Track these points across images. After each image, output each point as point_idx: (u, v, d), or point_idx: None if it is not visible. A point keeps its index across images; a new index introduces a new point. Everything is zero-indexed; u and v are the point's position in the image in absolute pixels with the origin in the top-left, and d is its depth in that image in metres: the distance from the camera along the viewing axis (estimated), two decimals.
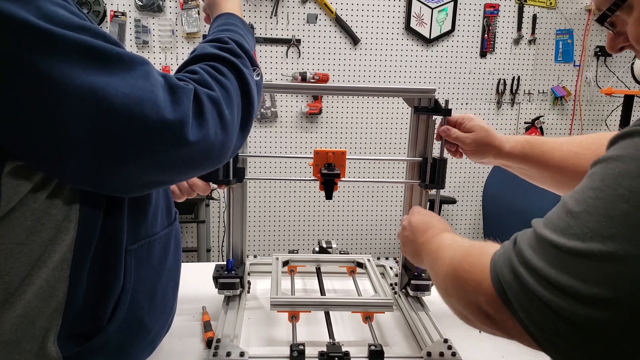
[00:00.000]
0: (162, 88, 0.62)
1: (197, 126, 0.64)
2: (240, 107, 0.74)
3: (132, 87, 0.59)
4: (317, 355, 0.89)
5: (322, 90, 1.74)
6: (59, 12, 0.58)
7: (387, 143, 3.08)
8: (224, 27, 0.85)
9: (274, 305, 0.98)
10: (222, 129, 0.69)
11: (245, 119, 0.75)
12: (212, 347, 0.90)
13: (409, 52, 2.99)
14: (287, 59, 2.89)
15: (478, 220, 3.23)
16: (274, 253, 1.30)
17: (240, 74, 0.75)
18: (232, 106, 0.71)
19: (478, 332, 1.04)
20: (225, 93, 0.70)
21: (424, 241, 0.80)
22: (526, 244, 0.51)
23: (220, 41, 0.78)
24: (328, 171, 1.00)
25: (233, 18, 0.88)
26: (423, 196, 1.13)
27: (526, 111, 3.14)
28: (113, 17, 2.69)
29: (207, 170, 0.74)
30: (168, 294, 0.85)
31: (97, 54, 0.58)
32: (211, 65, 0.73)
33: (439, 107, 1.06)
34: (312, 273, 1.24)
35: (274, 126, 2.96)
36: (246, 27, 0.88)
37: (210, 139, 0.66)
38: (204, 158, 0.68)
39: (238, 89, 0.74)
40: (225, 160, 0.75)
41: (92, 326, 0.73)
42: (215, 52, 0.75)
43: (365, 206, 3.15)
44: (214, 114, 0.67)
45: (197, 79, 0.69)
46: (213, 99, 0.68)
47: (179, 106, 0.62)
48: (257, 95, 0.79)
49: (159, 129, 0.61)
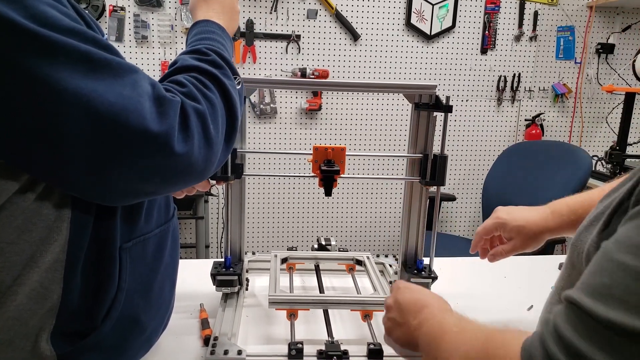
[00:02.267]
0: (150, 98, 0.61)
1: (182, 139, 0.63)
2: (225, 121, 0.73)
3: (119, 95, 0.58)
4: (315, 353, 0.88)
5: (322, 86, 1.72)
6: (48, 12, 0.57)
7: (387, 139, 3.07)
8: (201, 35, 0.83)
9: (272, 303, 0.97)
10: (207, 144, 0.68)
11: (229, 132, 0.75)
12: (209, 345, 0.89)
13: (409, 48, 2.97)
14: (287, 54, 2.88)
15: (477, 217, 3.23)
16: (272, 250, 1.29)
17: (223, 87, 0.74)
18: (217, 120, 0.71)
19: None
20: (211, 107, 0.70)
21: (419, 324, 0.67)
22: (564, 322, 0.41)
23: (200, 52, 0.77)
24: (327, 167, 0.99)
25: (210, 25, 0.86)
26: (423, 193, 1.12)
27: (527, 108, 3.13)
28: (112, 11, 2.68)
29: (191, 184, 0.73)
30: (165, 291, 0.84)
31: (85, 59, 0.57)
32: (196, 78, 0.72)
33: (439, 103, 1.05)
34: (311, 270, 1.24)
35: (273, 122, 2.95)
36: (224, 34, 0.86)
37: (194, 153, 0.65)
38: (187, 172, 0.67)
39: (222, 102, 0.73)
40: (210, 174, 0.73)
41: (87, 325, 0.72)
42: (198, 65, 0.74)
43: (365, 203, 3.14)
44: (200, 128, 0.66)
45: (184, 92, 0.68)
46: (199, 112, 0.67)
47: (164, 118, 0.62)
48: (240, 105, 0.78)
49: (143, 140, 0.60)
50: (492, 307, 1.16)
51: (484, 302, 1.18)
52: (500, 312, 1.14)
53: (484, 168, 3.15)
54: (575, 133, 3.20)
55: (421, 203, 1.13)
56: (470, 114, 3.10)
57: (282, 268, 1.18)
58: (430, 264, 1.13)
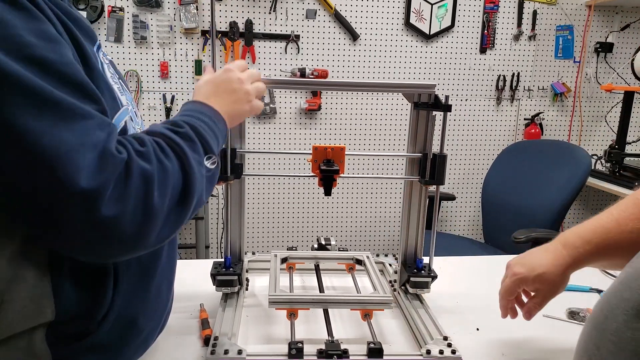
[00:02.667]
0: (94, 149, 0.58)
1: (114, 200, 0.59)
2: (177, 194, 0.67)
3: (57, 140, 0.56)
4: (315, 353, 0.88)
5: (322, 86, 1.72)
6: (16, 38, 0.56)
7: (386, 139, 3.07)
8: (187, 113, 0.79)
9: (272, 303, 0.97)
10: (145, 210, 0.62)
11: (179, 208, 0.68)
12: (209, 345, 0.89)
13: (408, 48, 2.97)
14: (286, 54, 2.88)
15: (477, 217, 3.23)
16: (272, 250, 1.29)
17: (184, 159, 0.69)
18: (166, 190, 0.65)
19: (476, 330, 1.04)
20: (162, 173, 0.65)
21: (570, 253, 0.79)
22: None
23: (175, 124, 0.74)
24: (327, 167, 0.99)
25: (201, 106, 0.82)
26: (422, 192, 1.12)
27: (526, 107, 3.13)
28: (111, 12, 2.68)
29: (121, 255, 0.67)
30: (162, 293, 0.84)
31: (32, 94, 0.55)
32: (158, 142, 0.68)
33: (439, 102, 1.05)
34: (311, 270, 1.24)
35: (273, 122, 2.95)
36: (216, 117, 0.81)
37: (125, 219, 0.60)
38: (113, 238, 0.61)
39: (179, 173, 0.68)
40: (145, 247, 0.66)
41: (84, 327, 0.72)
42: (165, 132, 0.70)
43: (365, 202, 3.14)
44: (140, 192, 0.61)
45: (140, 150, 0.64)
46: (146, 175, 0.62)
47: (100, 174, 0.58)
48: (206, 185, 0.73)
49: (68, 193, 0.56)
50: (492, 306, 1.16)
51: (484, 301, 1.18)
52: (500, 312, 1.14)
53: (483, 167, 3.15)
54: (575, 132, 3.20)
55: (420, 202, 1.13)
56: (469, 114, 3.11)
57: (282, 268, 1.18)
58: (430, 263, 1.13)
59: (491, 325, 1.06)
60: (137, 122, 0.86)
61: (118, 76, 0.84)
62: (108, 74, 0.75)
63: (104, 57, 0.77)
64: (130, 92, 0.90)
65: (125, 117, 0.74)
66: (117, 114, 0.72)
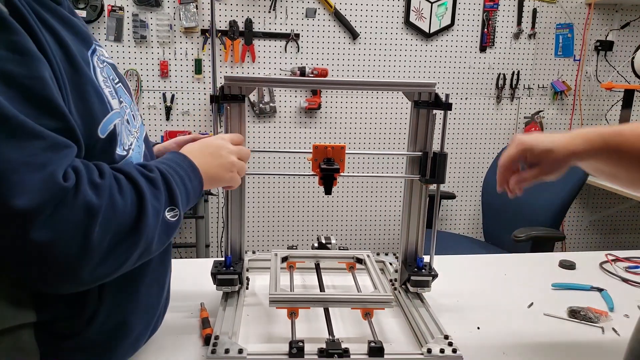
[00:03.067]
0: (36, 171, 0.57)
1: (48, 226, 0.58)
2: (121, 236, 0.65)
3: (2, 156, 0.56)
4: (316, 351, 0.88)
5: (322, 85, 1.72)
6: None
7: (386, 138, 3.07)
8: (165, 160, 0.79)
9: (273, 302, 0.97)
10: (80, 244, 0.60)
11: (121, 250, 0.65)
12: (210, 344, 0.89)
13: (408, 46, 2.97)
14: (286, 53, 2.88)
15: (477, 215, 3.23)
16: (272, 249, 1.29)
17: (140, 203, 0.67)
18: (109, 228, 0.63)
19: (477, 329, 1.04)
20: (109, 211, 0.63)
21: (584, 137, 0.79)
22: None
23: (147, 167, 0.73)
24: (327, 166, 0.99)
25: (182, 159, 0.81)
26: (423, 191, 1.12)
27: (526, 106, 3.13)
28: (111, 11, 2.67)
29: (57, 286, 0.65)
30: (153, 295, 0.84)
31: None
32: (117, 178, 0.67)
33: (439, 101, 1.05)
34: (312, 269, 1.24)
35: (273, 121, 2.95)
36: (193, 173, 0.80)
37: (58, 247, 0.59)
38: (47, 266, 0.60)
39: (130, 215, 0.66)
40: (79, 282, 0.64)
41: (70, 328, 0.73)
42: (132, 172, 0.69)
43: (365, 201, 3.14)
44: (80, 225, 0.60)
45: (94, 182, 0.63)
46: (90, 209, 0.61)
47: (37, 196, 0.57)
48: (159, 234, 0.71)
49: (2, 211, 0.56)
50: (492, 304, 1.16)
51: (485, 300, 1.19)
52: (501, 310, 1.14)
53: (483, 166, 3.15)
54: None
55: (421, 201, 1.13)
56: (469, 112, 3.10)
57: (282, 267, 1.18)
58: (431, 261, 1.13)
59: (492, 324, 1.06)
60: (134, 123, 0.87)
61: (118, 79, 0.84)
62: (100, 78, 0.75)
63: (99, 61, 0.77)
64: (131, 94, 0.91)
65: (115, 119, 0.74)
66: (105, 118, 0.72)
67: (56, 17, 0.70)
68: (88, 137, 0.68)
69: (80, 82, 0.69)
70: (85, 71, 0.71)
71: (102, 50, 0.83)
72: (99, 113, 0.70)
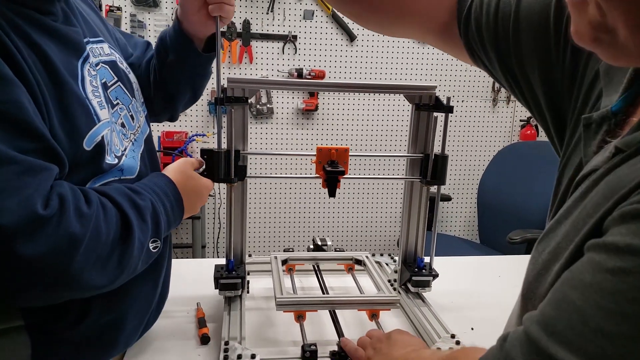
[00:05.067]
0: (15, 195, 0.59)
1: (32, 244, 0.60)
2: (104, 262, 0.68)
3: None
4: (328, 354, 0.89)
5: (325, 87, 1.72)
6: None
7: (383, 139, 3.08)
8: (156, 187, 0.81)
9: (280, 305, 0.96)
10: (62, 270, 0.63)
11: (101, 273, 0.68)
12: (221, 350, 0.88)
13: (405, 48, 2.99)
14: (284, 55, 2.88)
15: (473, 218, 3.24)
16: (267, 251, 1.28)
17: (128, 236, 0.70)
18: (90, 256, 0.66)
19: (471, 329, 1.05)
20: (93, 242, 0.65)
21: (401, 355, 0.76)
22: (515, 345, 0.42)
23: (138, 195, 0.75)
24: (332, 168, 0.98)
25: (173, 190, 0.83)
26: (423, 192, 1.13)
27: (522, 109, 3.15)
28: (108, 11, 2.67)
29: (35, 300, 0.68)
30: (143, 293, 0.85)
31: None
32: (104, 207, 0.69)
33: (440, 104, 1.06)
34: (309, 271, 1.24)
35: (270, 122, 2.95)
36: (178, 206, 0.84)
37: (44, 263, 0.61)
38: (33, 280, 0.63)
39: (115, 245, 0.69)
40: (58, 300, 0.69)
41: (61, 325, 0.74)
42: (121, 202, 0.71)
43: (359, 203, 3.15)
44: (60, 252, 0.63)
45: (80, 211, 0.65)
46: (73, 239, 0.63)
47: (13, 217, 0.59)
48: (140, 263, 0.74)
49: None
50: (486, 305, 1.17)
51: (479, 301, 1.20)
52: (496, 310, 1.14)
53: (479, 168, 3.17)
54: None
55: (421, 202, 1.14)
56: (465, 115, 3.12)
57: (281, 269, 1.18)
58: (431, 262, 1.14)
59: (486, 325, 1.07)
60: (132, 124, 0.87)
61: (116, 78, 0.84)
62: (89, 88, 0.75)
63: (91, 68, 0.78)
64: (133, 91, 0.91)
65: (103, 130, 0.75)
66: (91, 131, 0.73)
67: (41, 29, 0.70)
68: (73, 151, 0.70)
69: (64, 97, 0.69)
70: (70, 86, 0.71)
71: (100, 49, 0.83)
72: (83, 127, 0.71)
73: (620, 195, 0.41)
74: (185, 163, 0.91)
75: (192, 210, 0.89)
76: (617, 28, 0.38)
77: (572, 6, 0.43)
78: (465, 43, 0.73)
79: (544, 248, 0.53)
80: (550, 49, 0.61)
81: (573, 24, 0.43)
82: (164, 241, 0.83)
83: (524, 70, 0.66)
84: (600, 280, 0.38)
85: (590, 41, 0.42)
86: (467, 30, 0.71)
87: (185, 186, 0.86)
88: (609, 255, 0.39)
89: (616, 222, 0.40)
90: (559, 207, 0.55)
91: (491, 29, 0.68)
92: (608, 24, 0.39)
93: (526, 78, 0.66)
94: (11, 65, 0.62)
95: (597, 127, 0.53)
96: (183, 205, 0.85)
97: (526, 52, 0.64)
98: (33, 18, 0.69)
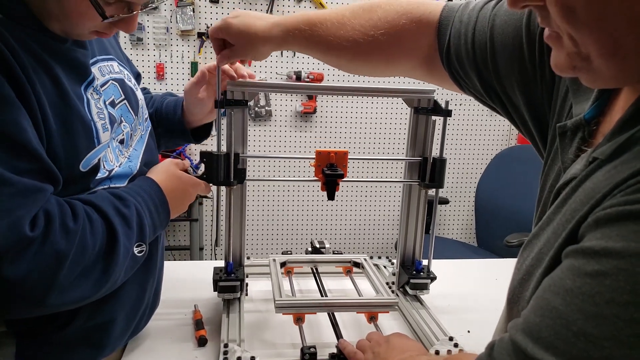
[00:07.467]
0: (6, 217, 0.61)
1: (17, 265, 0.62)
2: (88, 274, 0.69)
3: None
4: (327, 357, 0.89)
5: (325, 91, 1.72)
6: None
7: (380, 141, 3.08)
8: (142, 192, 0.82)
9: (279, 308, 0.96)
10: (47, 284, 0.65)
11: (89, 285, 0.70)
12: (220, 353, 0.88)
13: None
14: (282, 57, 2.89)
15: (470, 221, 3.25)
16: (266, 254, 1.28)
17: (113, 244, 0.72)
18: (76, 269, 0.68)
19: (467, 332, 1.06)
20: (78, 256, 0.67)
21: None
22: (504, 357, 0.43)
23: (124, 202, 0.76)
24: (331, 172, 0.98)
25: (158, 193, 0.85)
26: (422, 195, 1.13)
27: None
28: None
29: (19, 314, 0.71)
30: (133, 297, 0.85)
31: None
32: (91, 219, 0.70)
33: (438, 107, 1.07)
34: (307, 274, 1.24)
35: (268, 125, 2.96)
36: (164, 210, 0.85)
37: (26, 284, 0.63)
38: (13, 299, 0.65)
39: (101, 256, 0.71)
40: (40, 312, 0.70)
41: (49, 327, 0.75)
42: (107, 213, 0.73)
43: (358, 206, 3.15)
44: (46, 268, 0.64)
45: (66, 227, 0.67)
46: (59, 256, 0.65)
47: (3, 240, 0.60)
48: (126, 269, 0.76)
49: None
50: (483, 308, 1.17)
51: (476, 304, 1.20)
52: (493, 312, 1.14)
53: (476, 172, 3.18)
54: None
55: (419, 205, 1.14)
56: (463, 118, 3.13)
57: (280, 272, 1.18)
58: (429, 264, 1.14)
59: (482, 328, 1.07)
60: (129, 143, 0.87)
61: (123, 96, 0.85)
62: (94, 110, 0.76)
63: (94, 92, 0.78)
64: (137, 108, 0.91)
65: (100, 153, 0.76)
66: (90, 153, 0.74)
67: (54, 54, 0.72)
68: (69, 170, 0.71)
69: (69, 116, 0.71)
70: (77, 107, 0.72)
71: (110, 67, 0.84)
72: (83, 148, 0.72)
73: (595, 201, 0.43)
74: (170, 163, 0.92)
75: (179, 210, 0.90)
76: (590, 56, 0.42)
77: (548, 41, 0.47)
78: (450, 73, 0.77)
79: (528, 254, 0.54)
80: (526, 68, 0.64)
81: (552, 57, 0.47)
82: (151, 245, 0.83)
83: (506, 91, 0.69)
84: (580, 284, 0.40)
85: (569, 70, 0.45)
86: (449, 61, 0.75)
87: (170, 186, 0.87)
88: (587, 260, 0.40)
89: (591, 228, 0.42)
90: (542, 214, 0.56)
91: (471, 58, 0.71)
92: (582, 52, 0.43)
93: (509, 99, 0.70)
94: (14, 86, 0.63)
95: (572, 134, 0.55)
96: (168, 206, 0.86)
97: (505, 74, 0.68)
98: (49, 45, 0.71)
